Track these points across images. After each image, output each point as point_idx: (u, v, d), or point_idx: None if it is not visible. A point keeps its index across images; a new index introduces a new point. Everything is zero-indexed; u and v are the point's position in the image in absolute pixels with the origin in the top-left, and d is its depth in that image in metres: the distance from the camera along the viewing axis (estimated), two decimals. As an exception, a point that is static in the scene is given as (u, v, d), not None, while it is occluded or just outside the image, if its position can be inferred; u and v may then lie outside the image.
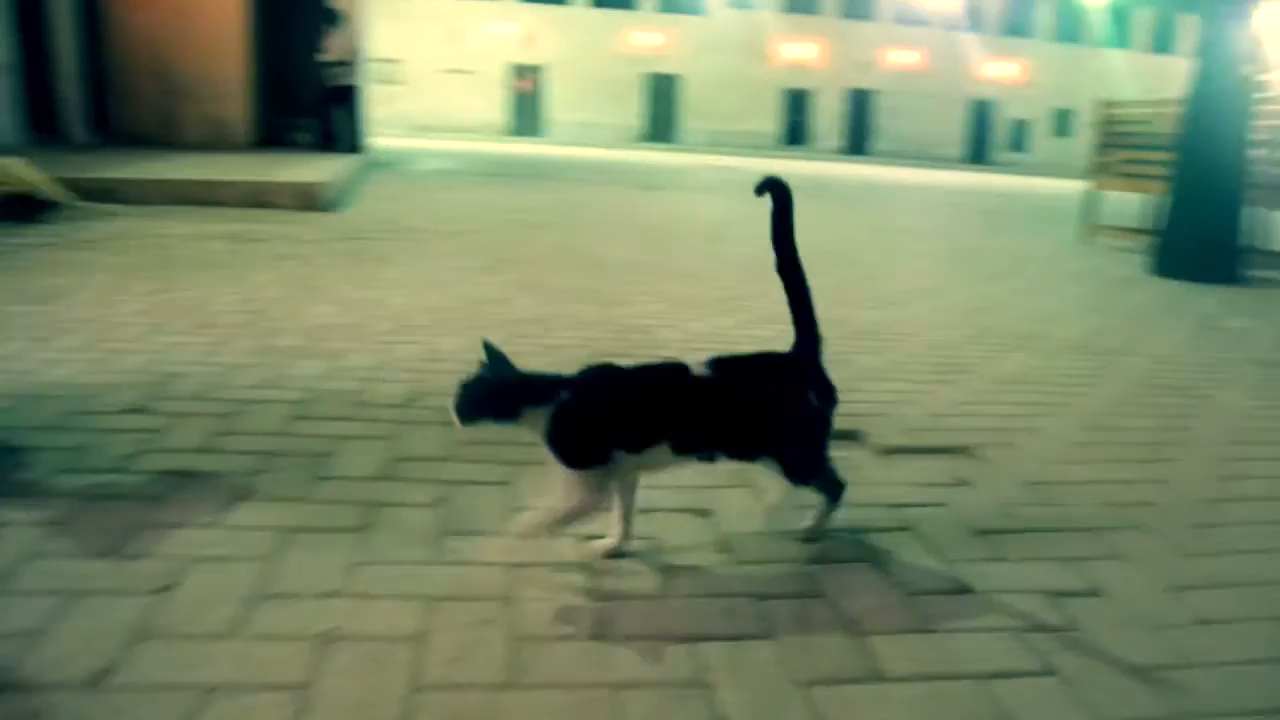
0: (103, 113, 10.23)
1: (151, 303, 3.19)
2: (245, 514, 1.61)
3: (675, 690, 1.21)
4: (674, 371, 1.51)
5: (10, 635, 1.23)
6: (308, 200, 6.17)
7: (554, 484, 1.49)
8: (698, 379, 1.49)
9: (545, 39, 31.79)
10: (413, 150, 16.09)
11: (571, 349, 2.87)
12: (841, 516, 1.64)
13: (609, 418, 1.45)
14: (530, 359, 2.62)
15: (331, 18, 10.56)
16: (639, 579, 1.48)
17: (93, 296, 3.22)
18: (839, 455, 1.64)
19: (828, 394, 1.56)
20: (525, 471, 1.87)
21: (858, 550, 1.62)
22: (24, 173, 1.80)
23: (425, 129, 28.34)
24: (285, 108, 10.97)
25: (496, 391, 1.45)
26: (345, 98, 10.88)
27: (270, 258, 4.18)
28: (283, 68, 11.07)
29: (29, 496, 1.64)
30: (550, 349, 2.85)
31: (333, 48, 10.58)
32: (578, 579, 1.47)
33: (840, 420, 1.58)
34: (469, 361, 2.45)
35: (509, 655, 1.26)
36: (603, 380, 1.50)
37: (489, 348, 1.48)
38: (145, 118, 10.51)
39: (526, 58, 31.84)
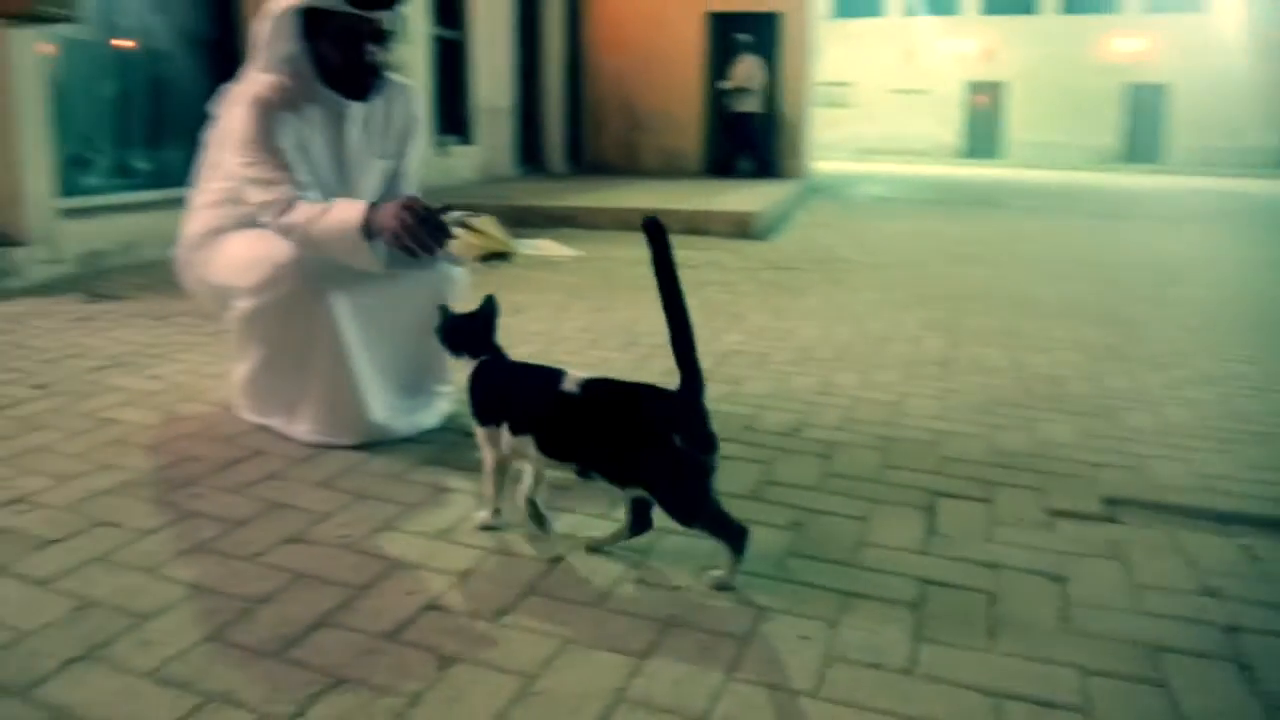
0: (576, 145, 11.78)
1: (591, 320, 3.67)
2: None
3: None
4: (548, 376, 1.63)
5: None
6: (741, 228, 6.58)
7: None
8: (563, 391, 1.58)
9: (1006, 53, 30.22)
10: (855, 175, 16.26)
11: (968, 394, 2.79)
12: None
13: (496, 390, 1.69)
14: (918, 401, 2.64)
15: (738, 46, 11.05)
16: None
17: (546, 312, 3.79)
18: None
19: (704, 439, 1.49)
20: (882, 510, 1.91)
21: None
22: (497, 232, 2.27)
23: (873, 152, 28.41)
24: (730, 137, 11.73)
25: (454, 329, 1.76)
26: (748, 124, 11.22)
27: (696, 284, 4.56)
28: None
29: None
30: (944, 393, 2.80)
31: (736, 75, 11.07)
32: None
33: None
34: (859, 398, 2.51)
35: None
36: (500, 360, 1.73)
37: (490, 300, 1.77)
38: (611, 150, 11.93)
39: (984, 74, 30.52)
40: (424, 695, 1.26)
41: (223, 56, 5.45)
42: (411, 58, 7.31)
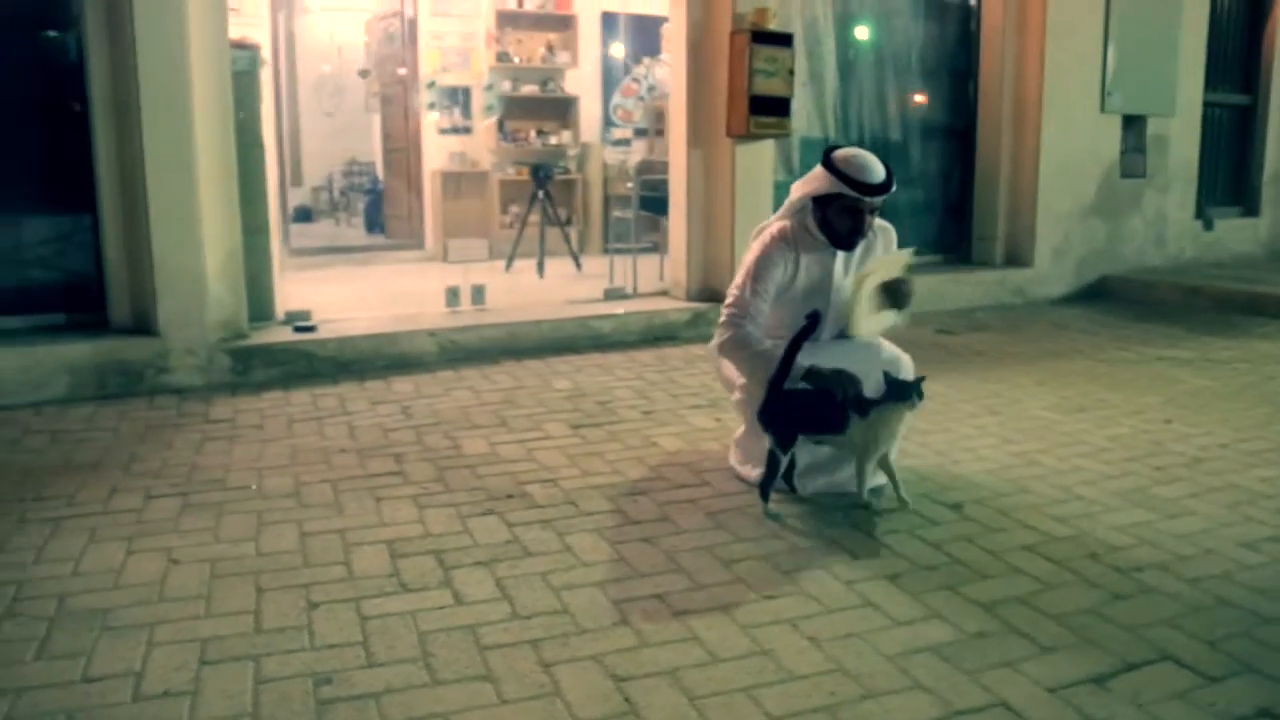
0: None
1: (1172, 436, 3.46)
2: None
3: None
4: None
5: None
6: None
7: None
8: None
9: None
10: None
11: None
12: None
13: None
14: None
15: None
16: None
17: (1129, 418, 3.65)
18: None
19: None
20: None
21: None
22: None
23: None
24: None
25: None
26: None
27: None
28: None
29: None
30: None
31: None
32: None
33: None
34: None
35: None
36: None
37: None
38: None
39: None
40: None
41: (964, 145, 6.20)
42: (1180, 128, 6.96)
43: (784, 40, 5.07)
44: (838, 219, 2.81)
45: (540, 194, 6.89)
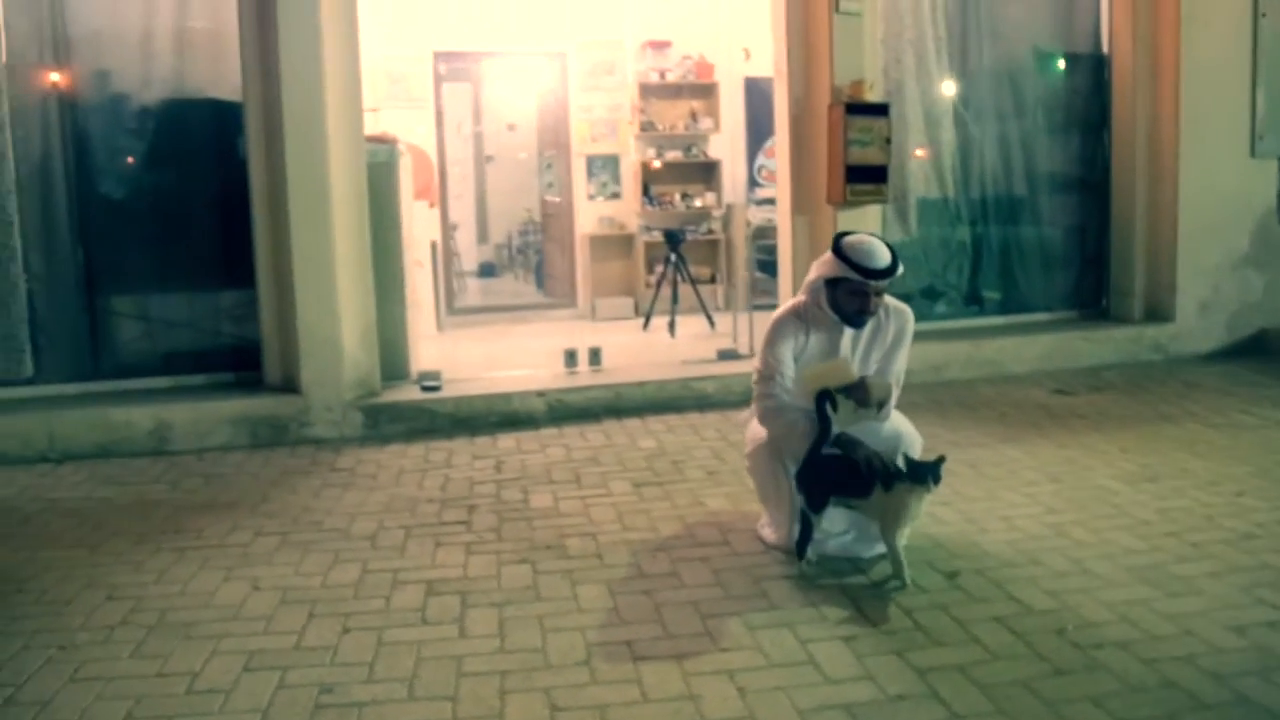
0: None
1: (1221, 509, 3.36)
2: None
3: None
4: None
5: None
6: None
7: None
8: None
9: None
10: None
11: None
12: None
13: None
14: None
15: None
16: None
17: (1174, 497, 3.56)
18: None
19: None
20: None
21: None
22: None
23: None
24: None
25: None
26: None
27: None
28: None
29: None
30: None
31: None
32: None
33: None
34: None
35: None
36: None
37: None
38: None
39: None
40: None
41: (1099, 198, 6.08)
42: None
43: (879, 110, 5.23)
44: (846, 300, 3.00)
45: (673, 256, 7.30)
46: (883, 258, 2.95)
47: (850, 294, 2.99)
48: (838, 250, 2.98)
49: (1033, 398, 5.12)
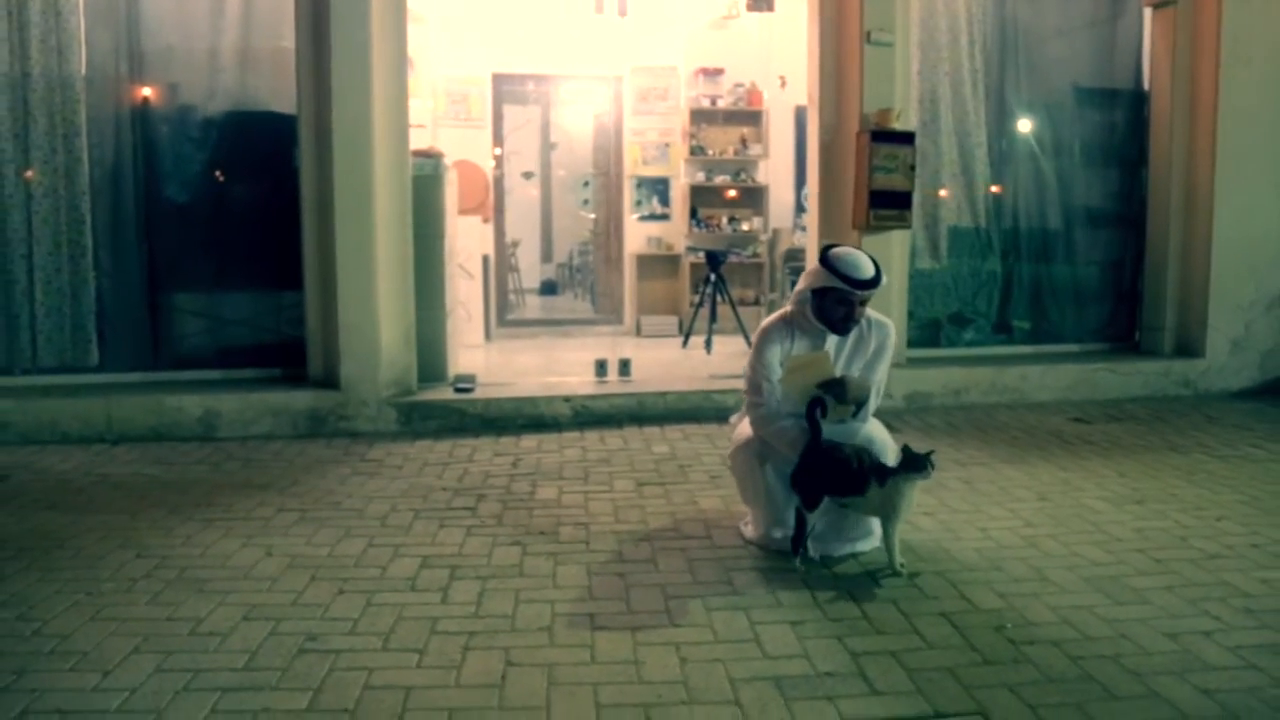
0: None
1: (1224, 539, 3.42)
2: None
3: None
4: None
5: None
6: None
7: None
8: None
9: None
10: None
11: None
12: None
13: None
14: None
15: None
16: None
17: (1160, 518, 3.62)
18: None
19: None
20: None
21: None
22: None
23: None
24: None
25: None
26: None
27: None
28: None
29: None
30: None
31: None
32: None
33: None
34: None
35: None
36: None
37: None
38: None
39: None
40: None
41: (1135, 233, 6.11)
42: None
43: (905, 139, 5.38)
44: (831, 309, 3.17)
45: (713, 276, 7.51)
46: (867, 269, 3.12)
47: (836, 303, 3.15)
48: (825, 261, 3.16)
49: (1048, 424, 5.17)
